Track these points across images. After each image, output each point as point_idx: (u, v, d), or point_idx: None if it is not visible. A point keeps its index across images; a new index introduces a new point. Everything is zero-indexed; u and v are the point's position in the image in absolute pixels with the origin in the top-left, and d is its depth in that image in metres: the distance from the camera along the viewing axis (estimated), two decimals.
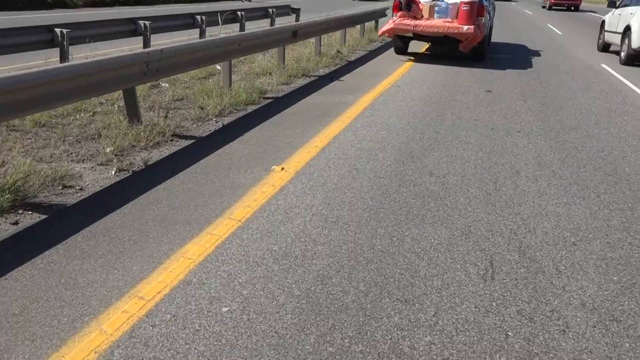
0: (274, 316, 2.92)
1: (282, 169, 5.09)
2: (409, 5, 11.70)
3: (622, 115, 7.77)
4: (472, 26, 10.84)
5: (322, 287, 3.21)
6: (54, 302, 2.98)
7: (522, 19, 27.65)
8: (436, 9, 11.63)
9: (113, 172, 4.84)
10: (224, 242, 3.70)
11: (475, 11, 11.02)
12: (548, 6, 34.49)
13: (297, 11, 17.07)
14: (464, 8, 10.96)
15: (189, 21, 12.01)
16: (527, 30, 21.31)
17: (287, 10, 16.84)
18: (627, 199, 4.72)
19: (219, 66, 8.95)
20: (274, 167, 5.13)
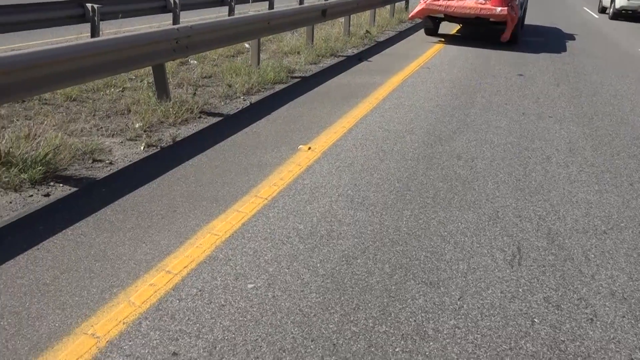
0: (298, 294, 2.93)
1: (309, 148, 5.08)
2: None
3: None
4: (506, 7, 10.56)
5: (347, 267, 3.21)
6: (84, 273, 3.04)
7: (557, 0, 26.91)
8: None
9: (142, 148, 4.89)
10: (250, 219, 3.72)
11: None
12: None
13: None
14: None
15: None
16: (562, 12, 20.74)
17: None
18: None
19: (247, 44, 8.93)
20: (300, 146, 5.13)
